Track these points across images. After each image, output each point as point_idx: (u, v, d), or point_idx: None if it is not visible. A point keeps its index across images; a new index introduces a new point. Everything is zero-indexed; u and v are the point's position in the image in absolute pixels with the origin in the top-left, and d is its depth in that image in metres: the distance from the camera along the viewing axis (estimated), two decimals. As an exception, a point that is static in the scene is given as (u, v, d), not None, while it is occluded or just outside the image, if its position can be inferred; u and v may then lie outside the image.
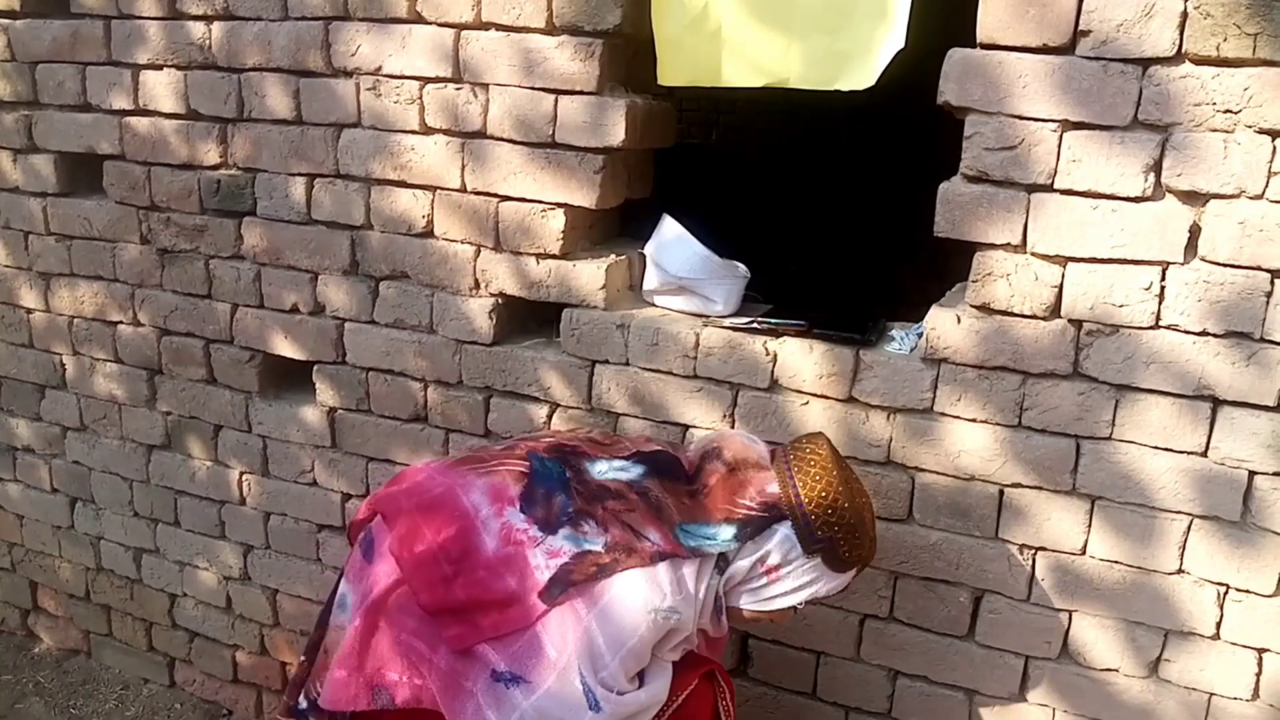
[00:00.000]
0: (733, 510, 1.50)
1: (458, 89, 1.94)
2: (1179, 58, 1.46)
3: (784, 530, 1.49)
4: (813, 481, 1.48)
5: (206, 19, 2.13)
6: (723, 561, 1.52)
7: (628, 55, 1.90)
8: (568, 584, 1.41)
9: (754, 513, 1.49)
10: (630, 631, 1.41)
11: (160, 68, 2.21)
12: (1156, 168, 1.50)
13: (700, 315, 1.93)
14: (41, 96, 2.39)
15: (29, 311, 2.61)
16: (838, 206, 4.53)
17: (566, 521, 1.46)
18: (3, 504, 2.88)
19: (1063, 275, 1.59)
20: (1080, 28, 1.49)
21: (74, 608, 2.88)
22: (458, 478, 1.55)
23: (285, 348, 2.28)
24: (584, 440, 1.63)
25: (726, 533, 1.49)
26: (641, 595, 1.42)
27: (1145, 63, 1.48)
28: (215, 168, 2.23)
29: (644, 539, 1.45)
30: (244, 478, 2.44)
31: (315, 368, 2.26)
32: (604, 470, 1.54)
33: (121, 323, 2.47)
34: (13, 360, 2.69)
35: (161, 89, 2.22)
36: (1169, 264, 1.53)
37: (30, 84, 2.39)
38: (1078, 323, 1.60)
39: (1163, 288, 1.54)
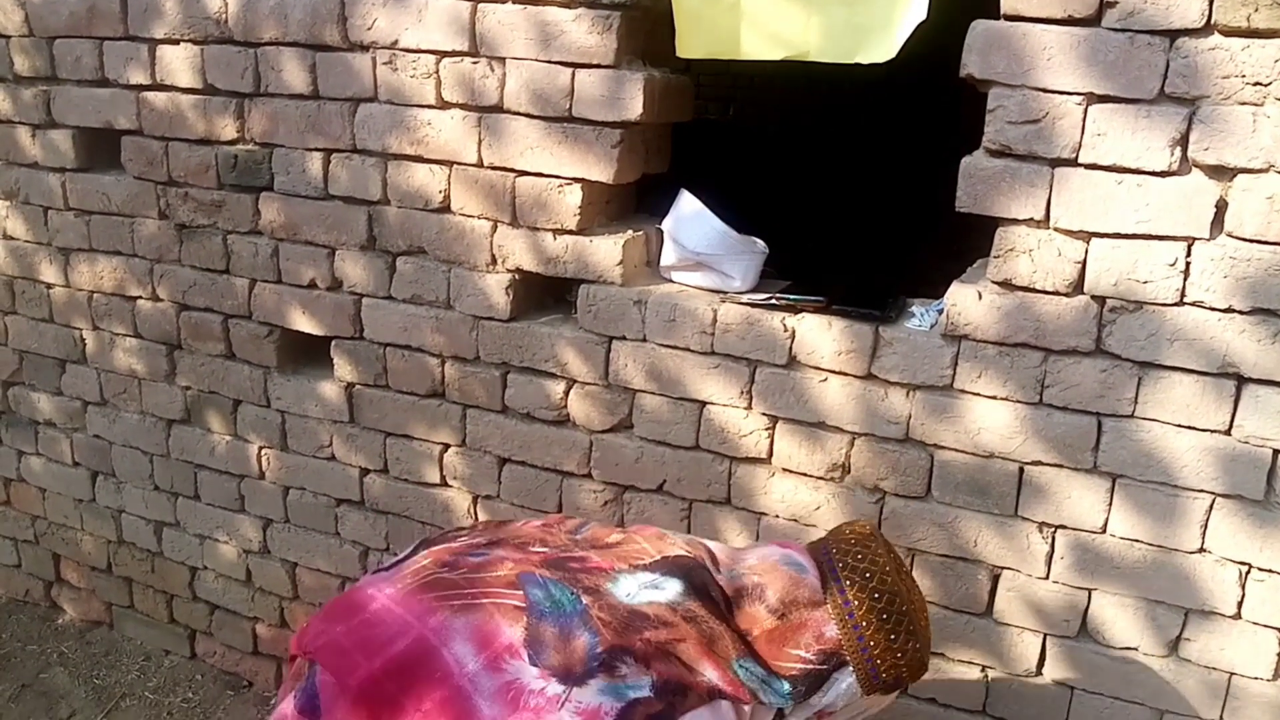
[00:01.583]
0: (787, 665, 1.28)
1: (474, 63, 1.93)
2: (1208, 29, 1.43)
3: (847, 680, 1.30)
4: (877, 620, 1.28)
5: (223, -8, 2.12)
6: (779, 717, 1.31)
7: (645, 28, 1.88)
8: None
9: (812, 666, 1.28)
10: None
11: (177, 42, 2.21)
12: (1183, 141, 1.48)
13: (718, 291, 1.92)
14: (59, 72, 2.39)
15: (49, 287, 2.62)
16: (857, 182, 4.49)
17: (598, 667, 1.13)
18: (25, 477, 2.91)
19: (1086, 251, 1.57)
20: (1107, -1, 1.47)
21: (96, 580, 2.91)
22: (427, 615, 1.19)
23: (303, 323, 2.28)
24: (586, 544, 1.32)
25: (782, 687, 1.27)
26: None
27: (1173, 34, 1.45)
28: (232, 143, 2.23)
29: (698, 674, 1.18)
30: (263, 452, 2.46)
31: (333, 343, 2.27)
32: (632, 591, 1.23)
33: (141, 298, 2.48)
34: (34, 335, 2.70)
35: (178, 64, 2.22)
36: (1195, 240, 1.51)
37: (48, 59, 2.39)
38: (1101, 299, 1.59)
39: (1188, 264, 1.52)
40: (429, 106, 1.99)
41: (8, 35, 2.41)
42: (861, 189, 4.47)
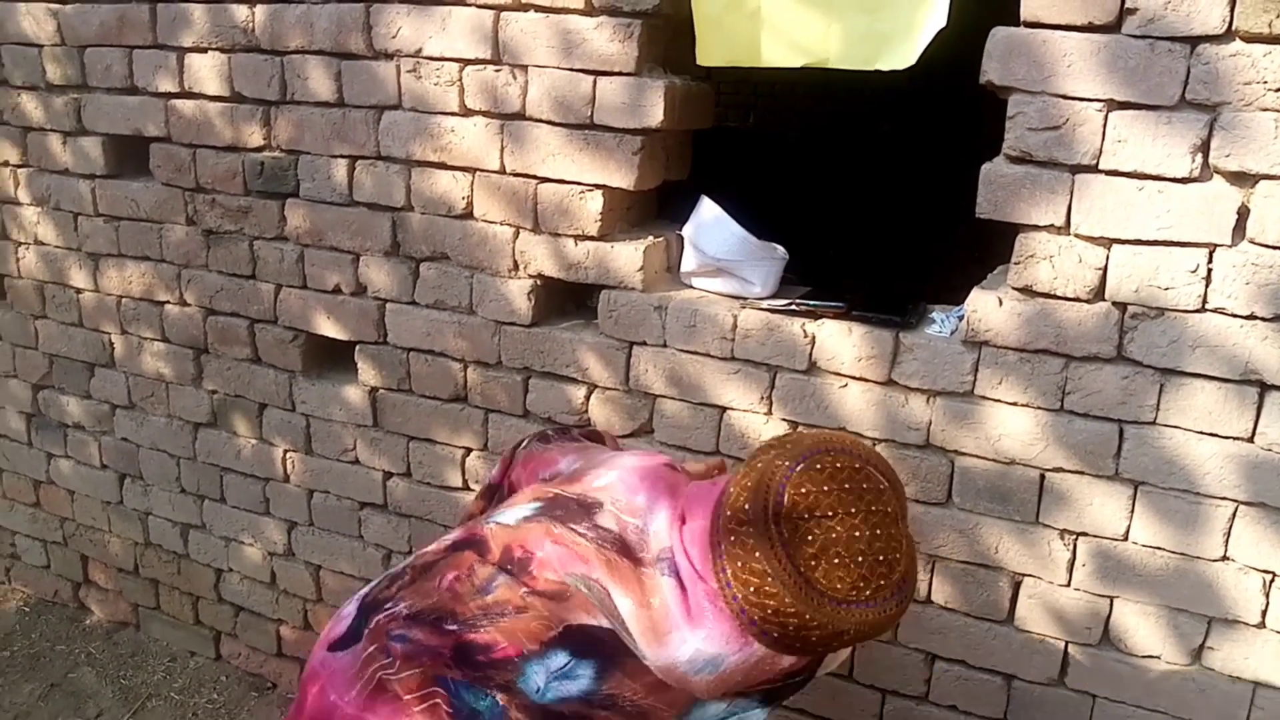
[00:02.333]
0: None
1: (497, 70, 1.95)
2: (1229, 35, 1.43)
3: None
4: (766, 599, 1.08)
5: (250, 2, 2.15)
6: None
7: (666, 36, 1.89)
8: None
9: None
10: None
11: (205, 51, 2.24)
12: (1204, 148, 1.47)
13: (738, 297, 1.92)
14: (90, 80, 2.43)
15: (78, 291, 2.67)
16: (877, 188, 4.49)
17: None
18: (55, 479, 2.95)
19: (1107, 257, 1.57)
20: (1127, 5, 1.47)
21: (123, 581, 2.95)
22: None
23: (328, 328, 2.31)
24: (493, 613, 1.17)
25: (752, 707, 1.19)
26: None
27: (1194, 41, 1.45)
28: (259, 150, 2.26)
29: None
30: (288, 455, 2.48)
31: (357, 348, 2.29)
32: (540, 686, 1.13)
33: (168, 303, 2.52)
34: (63, 339, 2.75)
35: (206, 72, 2.25)
36: (1216, 246, 1.50)
37: (79, 68, 2.43)
38: (1122, 305, 1.58)
39: (1209, 270, 1.51)
40: (452, 114, 2.01)
41: (40, 45, 2.46)
42: (881, 195, 4.46)
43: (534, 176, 1.97)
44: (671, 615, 1.09)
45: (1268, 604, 1.61)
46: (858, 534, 1.04)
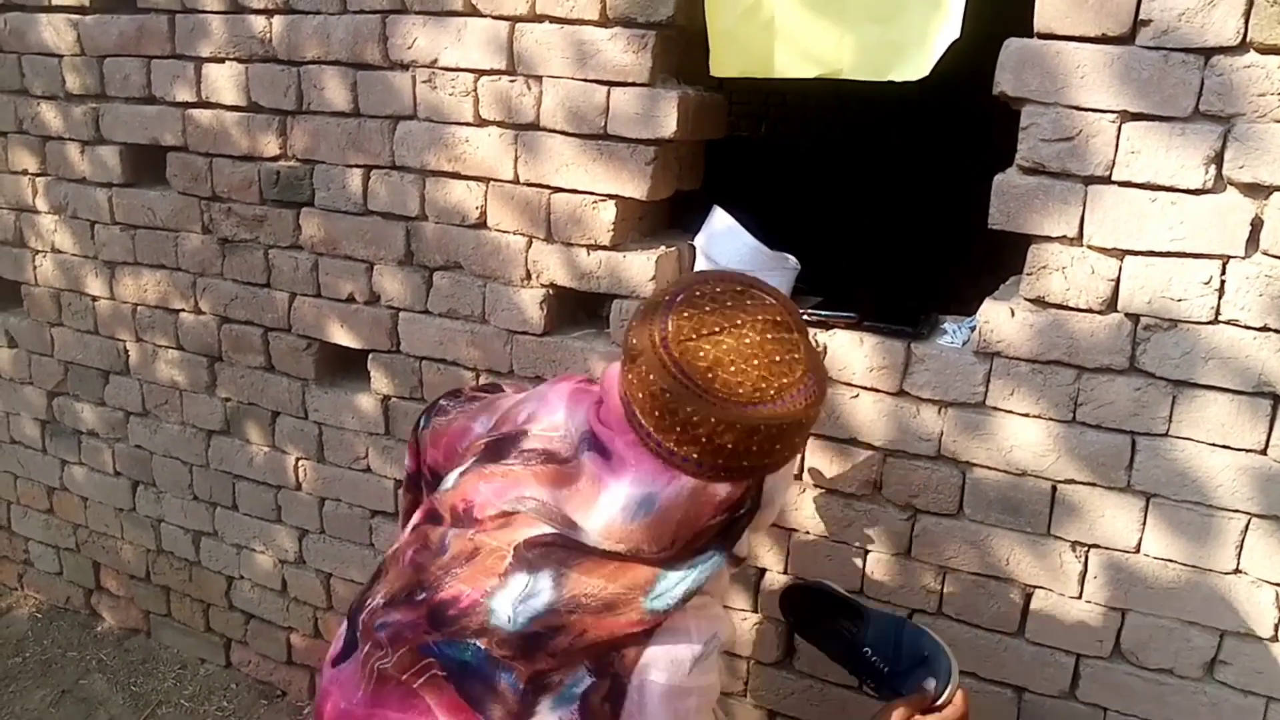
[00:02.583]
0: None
1: (511, 81, 1.96)
2: (1243, 47, 1.43)
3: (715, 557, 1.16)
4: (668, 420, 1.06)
5: (267, 13, 2.17)
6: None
7: (680, 47, 1.90)
8: None
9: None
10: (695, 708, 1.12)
11: (222, 61, 2.26)
12: (1218, 159, 1.48)
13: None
14: (108, 89, 2.46)
15: (94, 299, 2.69)
16: (889, 199, 4.49)
17: (534, 692, 1.10)
18: (68, 486, 2.97)
19: (1120, 268, 1.57)
20: (1141, 17, 1.47)
21: (135, 588, 2.96)
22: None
23: (341, 336, 2.32)
24: (451, 565, 1.17)
25: (709, 558, 1.14)
26: (669, 674, 1.10)
27: (1208, 52, 1.45)
28: (275, 159, 2.28)
29: (622, 645, 1.10)
30: (300, 463, 2.50)
31: (370, 356, 2.30)
32: (512, 615, 1.11)
33: (183, 310, 2.54)
34: (78, 346, 2.77)
35: (223, 82, 2.27)
36: (1229, 258, 1.50)
37: (98, 77, 2.45)
38: (1135, 317, 1.58)
39: (1223, 282, 1.51)
40: (467, 124, 2.03)
41: (60, 54, 2.49)
42: (894, 205, 4.47)
43: (547, 186, 1.99)
44: (598, 480, 1.09)
45: (1281, 617, 1.61)
46: (748, 340, 1.04)
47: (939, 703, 1.37)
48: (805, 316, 1.84)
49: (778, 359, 1.04)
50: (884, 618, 1.54)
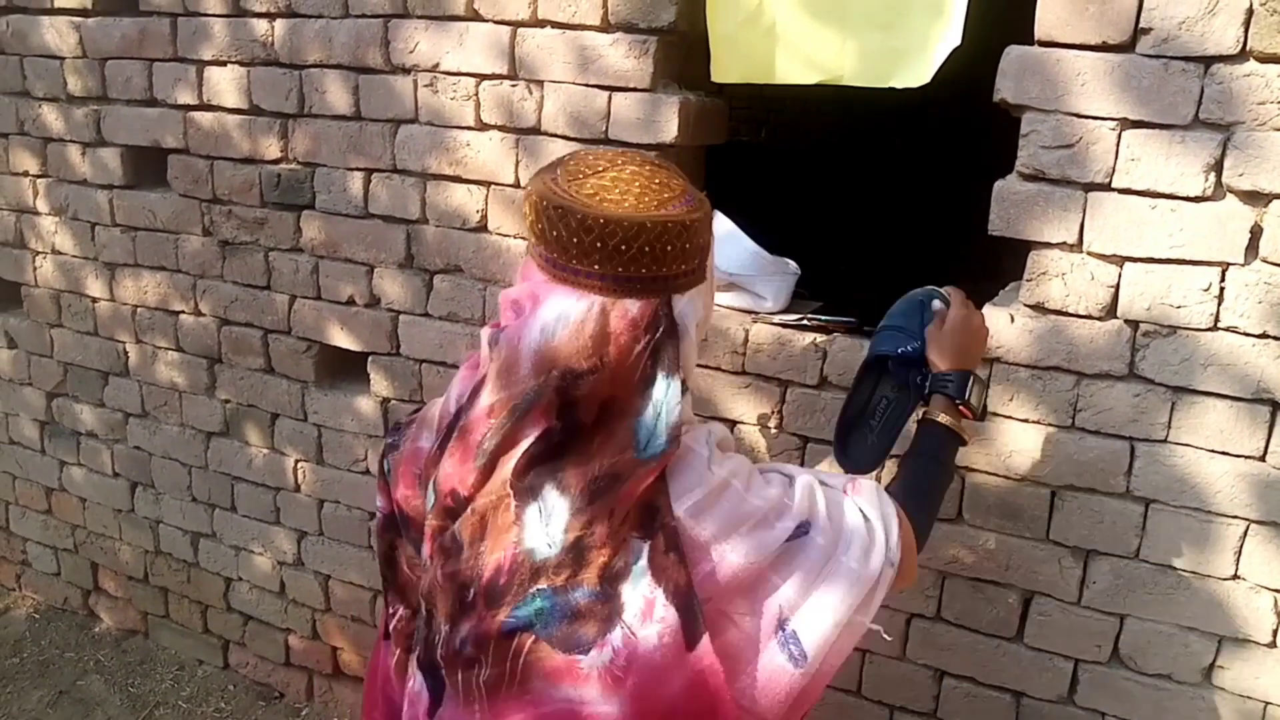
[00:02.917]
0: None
1: (513, 85, 1.97)
2: (1243, 55, 1.44)
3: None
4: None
5: (269, 16, 2.18)
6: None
7: (681, 52, 1.91)
8: (696, 599, 1.10)
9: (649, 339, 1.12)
10: (748, 508, 1.14)
11: (224, 64, 2.27)
12: (1218, 167, 1.48)
13: (750, 311, 1.93)
14: (110, 92, 2.46)
15: (94, 300, 2.69)
16: (889, 204, 4.50)
17: (606, 588, 1.10)
18: (67, 487, 2.97)
19: (1119, 275, 1.58)
20: (1141, 25, 1.48)
21: (133, 589, 2.96)
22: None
23: (341, 339, 2.32)
24: (475, 544, 1.16)
25: (674, 388, 1.12)
26: (702, 481, 1.13)
27: (1208, 60, 1.46)
28: (276, 162, 2.28)
29: (654, 502, 1.12)
30: (299, 465, 2.50)
31: (370, 359, 2.31)
32: (547, 540, 1.12)
33: (183, 312, 2.54)
34: (78, 347, 2.77)
35: (225, 85, 2.28)
36: (1229, 265, 1.51)
37: (100, 80, 2.46)
38: (1134, 323, 1.59)
39: (1222, 289, 1.52)
40: (468, 128, 2.03)
41: (62, 57, 2.49)
42: (893, 211, 4.47)
43: (548, 190, 1.99)
44: (515, 335, 1.11)
45: (1279, 624, 1.61)
46: (630, 171, 1.11)
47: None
48: (805, 322, 1.84)
49: (658, 181, 1.11)
50: (880, 341, 1.52)
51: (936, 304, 1.48)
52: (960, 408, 1.41)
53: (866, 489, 1.25)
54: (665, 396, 1.10)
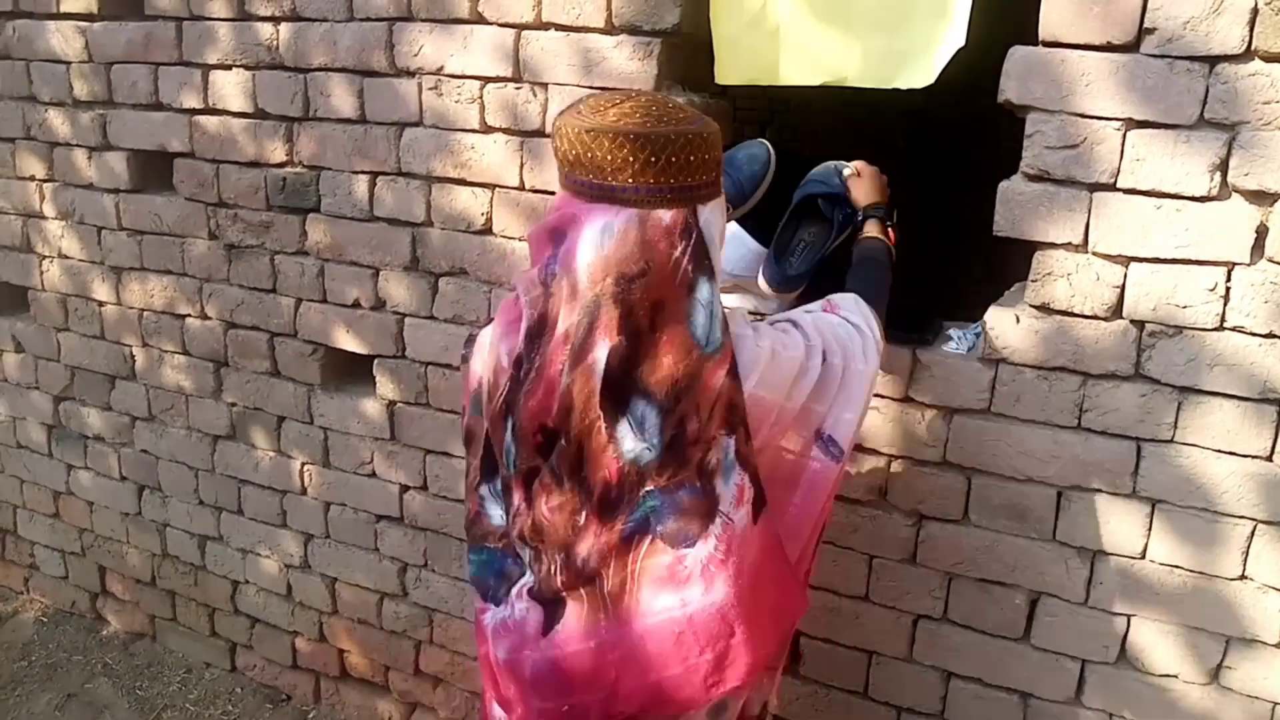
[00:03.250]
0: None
1: (518, 88, 1.97)
2: (1248, 55, 1.43)
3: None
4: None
5: (274, 20, 2.18)
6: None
7: (685, 54, 1.91)
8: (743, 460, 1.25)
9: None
10: (791, 365, 1.33)
11: (229, 68, 2.27)
12: (1223, 167, 1.48)
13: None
14: (116, 96, 2.47)
15: (101, 304, 2.70)
16: (893, 205, 4.50)
17: (705, 483, 1.24)
18: (75, 491, 2.97)
19: (1125, 275, 1.58)
20: (1145, 25, 1.48)
21: (140, 592, 2.97)
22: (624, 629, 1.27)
23: (347, 342, 2.33)
24: (552, 487, 1.27)
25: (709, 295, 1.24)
26: (756, 359, 1.28)
27: (1212, 60, 1.45)
28: (281, 165, 2.28)
29: (731, 398, 1.24)
30: (305, 468, 2.50)
31: (376, 361, 2.31)
32: (640, 437, 1.23)
33: (189, 316, 2.54)
34: (85, 351, 2.78)
35: (230, 88, 2.28)
36: (1234, 265, 1.51)
37: (105, 84, 2.47)
38: (1140, 323, 1.58)
39: (1228, 289, 1.52)
40: (473, 131, 2.03)
41: (68, 61, 2.50)
42: (898, 212, 4.47)
43: (552, 193, 1.98)
44: (569, 255, 1.21)
45: (1287, 624, 1.61)
46: (645, 100, 1.23)
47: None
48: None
49: (671, 106, 1.24)
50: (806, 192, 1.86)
51: (846, 170, 1.82)
52: (889, 229, 1.76)
53: (845, 301, 1.50)
54: (710, 297, 1.23)
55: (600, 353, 1.18)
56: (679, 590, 1.24)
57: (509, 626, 1.34)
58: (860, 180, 1.81)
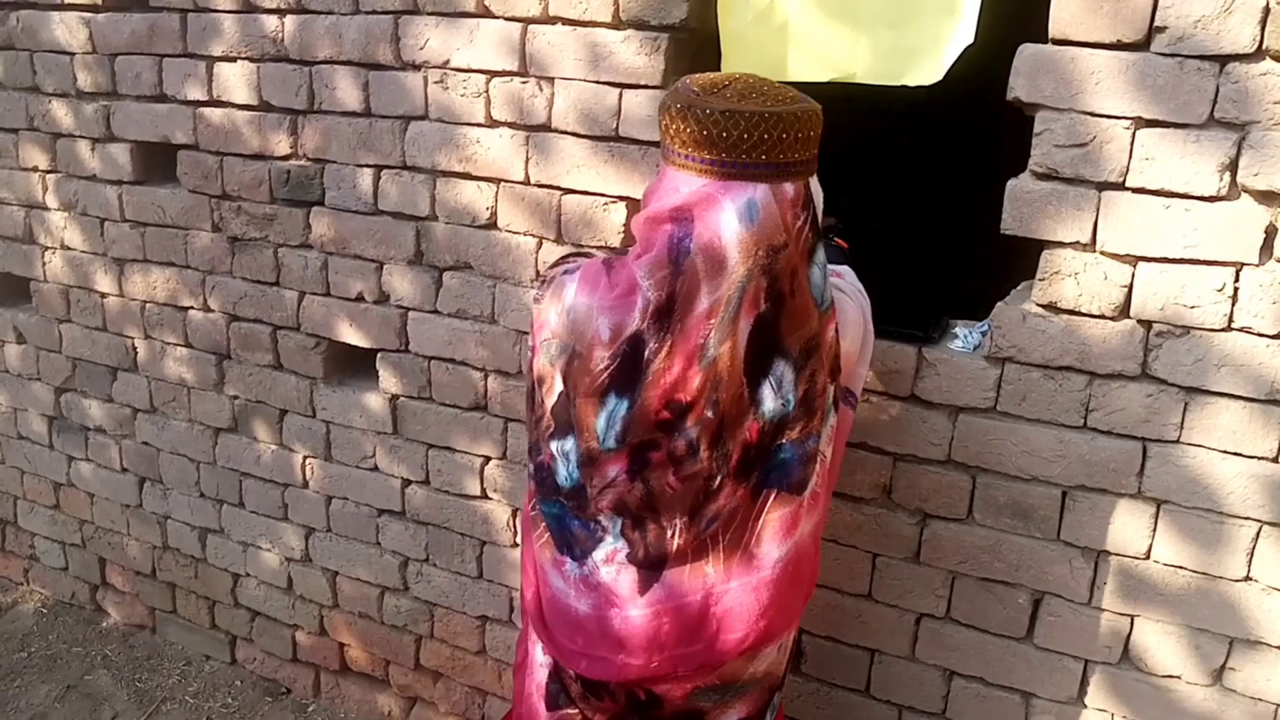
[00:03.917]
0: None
1: (524, 82, 1.96)
2: (1259, 54, 1.43)
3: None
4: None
5: (280, 12, 2.17)
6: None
7: (692, 49, 1.90)
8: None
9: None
10: (867, 324, 1.53)
11: (234, 60, 2.26)
12: (1232, 167, 1.47)
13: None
14: (120, 87, 2.46)
15: (103, 296, 2.69)
16: (897, 202, 4.49)
17: (816, 428, 1.36)
18: (75, 482, 2.97)
19: (1133, 275, 1.57)
20: (1156, 23, 1.47)
21: (141, 584, 2.97)
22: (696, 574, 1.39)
23: (350, 335, 2.32)
24: (686, 455, 1.36)
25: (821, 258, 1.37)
26: (850, 318, 1.45)
27: (1223, 59, 1.45)
28: (285, 158, 2.28)
29: (838, 351, 1.40)
30: (307, 462, 2.50)
31: (379, 355, 2.30)
32: (783, 401, 1.35)
33: (192, 308, 2.54)
34: (87, 343, 2.77)
35: (235, 80, 2.27)
36: (1243, 265, 1.50)
37: (109, 75, 2.46)
38: (1147, 323, 1.58)
39: (1236, 289, 1.51)
40: (478, 125, 2.03)
41: (72, 52, 2.49)
42: (902, 208, 4.46)
43: (558, 188, 1.99)
44: (713, 226, 1.26)
45: (1291, 625, 1.61)
46: (745, 82, 1.30)
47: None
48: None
49: (769, 85, 1.31)
50: None
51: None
52: (836, 240, 1.84)
53: (846, 271, 1.64)
54: (823, 260, 1.34)
55: (745, 324, 1.27)
56: (784, 541, 1.36)
57: (591, 584, 1.39)
58: None
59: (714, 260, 1.26)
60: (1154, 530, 1.66)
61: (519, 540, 2.27)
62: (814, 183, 1.33)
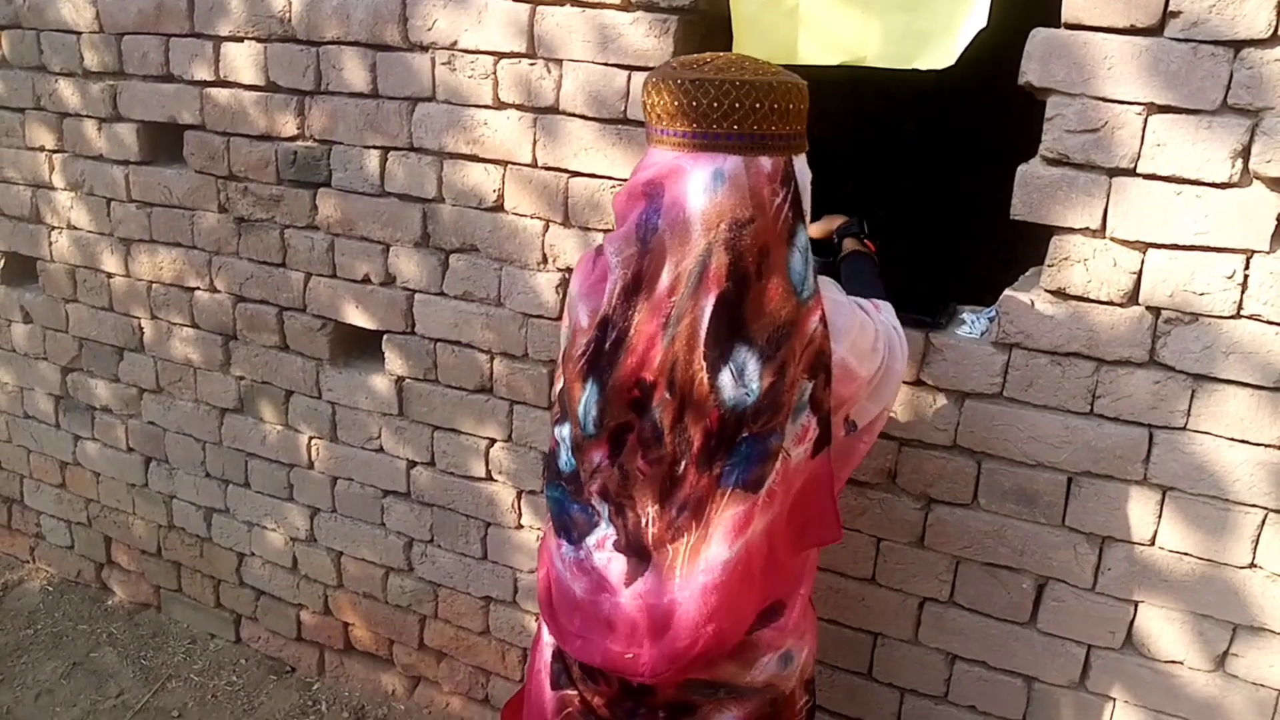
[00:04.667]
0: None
1: (531, 64, 1.96)
2: (1274, 40, 1.42)
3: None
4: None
5: (287, -8, 2.17)
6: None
7: (702, 32, 1.89)
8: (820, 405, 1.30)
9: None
10: (870, 342, 1.40)
11: (241, 40, 2.26)
12: (1245, 153, 1.47)
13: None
14: (126, 67, 2.45)
15: (110, 276, 2.69)
16: (903, 187, 4.47)
17: (782, 422, 1.28)
18: (81, 461, 2.98)
19: (1142, 261, 1.57)
20: (1170, 8, 1.46)
21: (146, 563, 2.98)
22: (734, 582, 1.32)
23: (356, 317, 2.32)
24: (652, 439, 1.31)
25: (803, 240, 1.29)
26: (851, 324, 1.36)
27: (1238, 45, 1.44)
28: (292, 139, 2.27)
29: (820, 347, 1.30)
30: (313, 442, 2.50)
31: (385, 337, 2.31)
32: (737, 384, 1.27)
33: (198, 289, 2.54)
34: (93, 323, 2.77)
35: (242, 61, 2.27)
36: (1254, 252, 1.50)
37: (116, 55, 2.45)
38: (1156, 310, 1.58)
39: (1246, 277, 1.51)
40: (486, 107, 2.02)
41: (79, 32, 2.48)
42: (910, 194, 4.45)
43: (565, 170, 1.98)
44: (678, 196, 1.23)
45: (1295, 612, 1.61)
46: (727, 57, 1.27)
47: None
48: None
49: (752, 60, 1.28)
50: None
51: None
52: (864, 241, 1.80)
53: (885, 306, 1.52)
54: (806, 244, 1.28)
55: (707, 303, 1.22)
56: (742, 536, 1.28)
57: (585, 568, 1.37)
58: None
59: (679, 233, 1.23)
60: (1159, 517, 1.66)
61: (523, 522, 2.28)
62: (800, 161, 1.29)
